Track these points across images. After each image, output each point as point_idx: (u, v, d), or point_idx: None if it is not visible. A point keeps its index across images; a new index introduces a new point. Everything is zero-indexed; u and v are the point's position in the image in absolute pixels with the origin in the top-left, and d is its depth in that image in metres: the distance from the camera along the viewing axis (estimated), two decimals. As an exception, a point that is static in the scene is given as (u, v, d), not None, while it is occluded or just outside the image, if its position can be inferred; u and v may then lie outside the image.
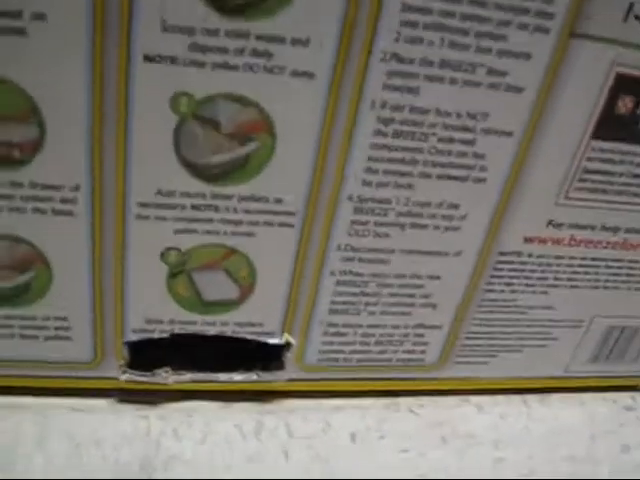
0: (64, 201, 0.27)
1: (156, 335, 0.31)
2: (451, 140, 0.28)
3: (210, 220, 0.28)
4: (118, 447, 0.31)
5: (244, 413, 0.34)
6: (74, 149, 0.26)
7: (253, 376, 0.33)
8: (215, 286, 0.30)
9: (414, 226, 0.30)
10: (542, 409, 0.38)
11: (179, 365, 0.33)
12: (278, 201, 0.28)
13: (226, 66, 0.25)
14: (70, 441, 0.31)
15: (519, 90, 0.28)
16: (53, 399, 0.32)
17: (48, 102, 0.25)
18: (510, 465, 0.34)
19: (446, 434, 0.35)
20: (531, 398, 0.38)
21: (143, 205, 0.28)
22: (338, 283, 0.31)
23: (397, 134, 0.28)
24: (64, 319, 0.30)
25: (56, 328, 0.30)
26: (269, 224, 0.29)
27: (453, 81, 0.27)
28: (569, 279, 0.34)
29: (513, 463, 0.35)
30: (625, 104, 0.29)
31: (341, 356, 0.34)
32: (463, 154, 0.29)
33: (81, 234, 0.28)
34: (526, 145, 0.29)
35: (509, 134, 0.29)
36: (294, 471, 0.32)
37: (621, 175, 0.31)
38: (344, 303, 0.32)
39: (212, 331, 0.32)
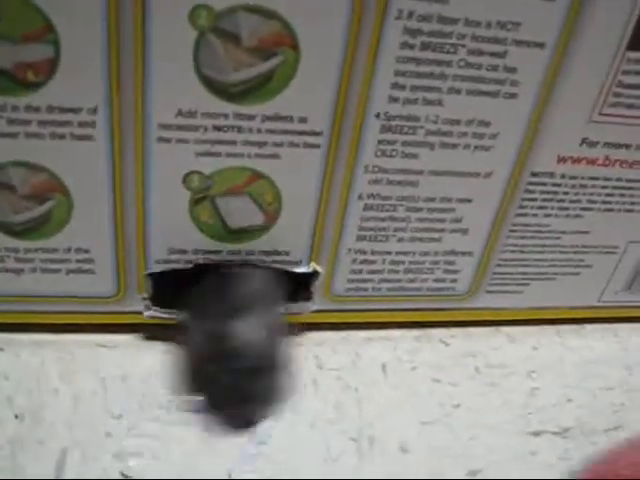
0: (82, 125, 0.26)
1: (180, 266, 0.30)
2: (481, 52, 0.27)
3: (233, 142, 0.27)
4: (145, 381, 0.31)
5: (272, 346, 0.33)
6: (91, 69, 0.25)
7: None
8: (240, 212, 0.29)
9: (443, 145, 0.29)
10: (576, 340, 0.37)
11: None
12: (303, 120, 0.27)
13: (247, -25, 0.24)
14: (95, 376, 0.31)
15: (551, -3, 0.27)
16: (77, 335, 0.32)
17: (63, 18, 0.24)
18: (545, 394, 0.34)
19: (479, 364, 0.34)
20: (564, 329, 0.37)
21: (164, 127, 0.27)
22: (366, 207, 0.30)
23: (425, 46, 0.27)
24: (86, 251, 0.29)
25: (78, 261, 0.30)
26: (294, 145, 0.28)
27: (482, -12, 0.26)
28: (604, 202, 0.33)
29: (549, 392, 0.34)
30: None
31: (370, 285, 0.33)
32: (494, 67, 0.28)
33: (101, 159, 0.27)
34: (559, 57, 0.28)
35: (541, 45, 0.27)
36: (324, 399, 0.31)
37: (658, 90, 0.30)
38: (372, 229, 0.31)
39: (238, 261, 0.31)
